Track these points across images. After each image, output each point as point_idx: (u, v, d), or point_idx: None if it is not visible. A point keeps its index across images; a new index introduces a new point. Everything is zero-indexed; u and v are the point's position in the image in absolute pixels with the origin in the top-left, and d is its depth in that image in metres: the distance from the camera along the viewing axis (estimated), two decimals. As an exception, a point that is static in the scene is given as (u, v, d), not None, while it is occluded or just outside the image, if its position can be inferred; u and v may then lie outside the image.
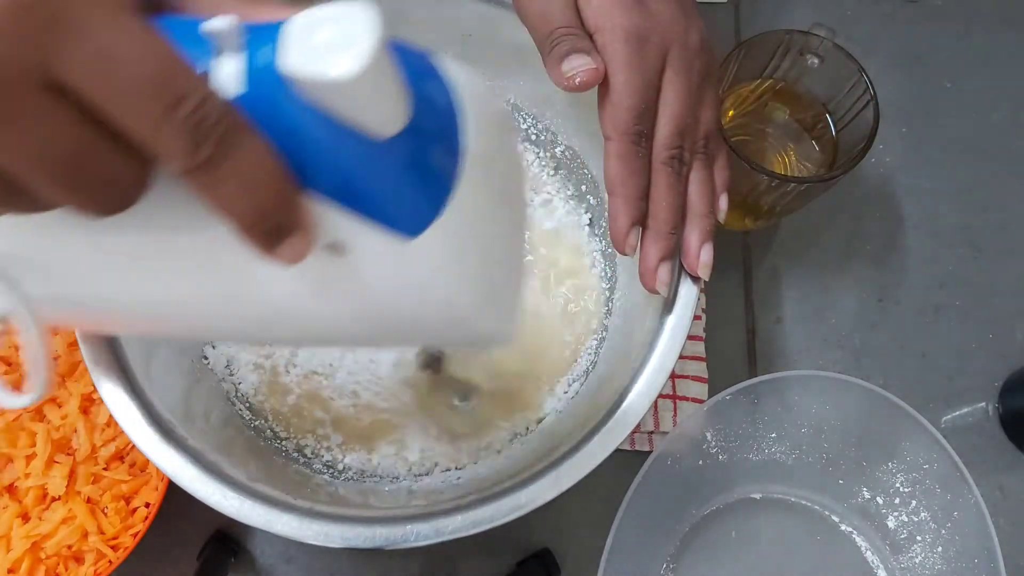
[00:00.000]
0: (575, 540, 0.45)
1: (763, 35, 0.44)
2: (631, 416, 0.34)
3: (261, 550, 0.45)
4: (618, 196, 0.32)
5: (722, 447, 0.45)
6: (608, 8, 0.32)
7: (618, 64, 0.31)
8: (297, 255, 0.20)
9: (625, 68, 0.31)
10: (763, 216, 0.48)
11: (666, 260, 0.33)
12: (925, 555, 0.44)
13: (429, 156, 0.21)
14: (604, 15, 0.32)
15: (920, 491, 0.44)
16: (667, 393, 0.47)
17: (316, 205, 0.20)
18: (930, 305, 0.51)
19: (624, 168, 0.32)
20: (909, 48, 0.57)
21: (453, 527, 0.32)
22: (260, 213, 0.18)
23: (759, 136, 0.47)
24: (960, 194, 0.54)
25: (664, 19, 0.33)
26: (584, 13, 0.32)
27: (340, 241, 0.20)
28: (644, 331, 0.36)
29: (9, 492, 0.43)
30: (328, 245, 0.20)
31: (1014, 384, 0.49)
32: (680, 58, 0.33)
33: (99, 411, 0.44)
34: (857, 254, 0.52)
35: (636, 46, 0.32)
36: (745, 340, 0.50)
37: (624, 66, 0.31)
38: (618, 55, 0.31)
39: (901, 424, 0.43)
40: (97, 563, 0.41)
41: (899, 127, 0.55)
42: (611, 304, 0.44)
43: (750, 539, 0.46)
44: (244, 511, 0.32)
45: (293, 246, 0.19)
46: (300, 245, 0.19)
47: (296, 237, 0.19)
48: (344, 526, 0.32)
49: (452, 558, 0.45)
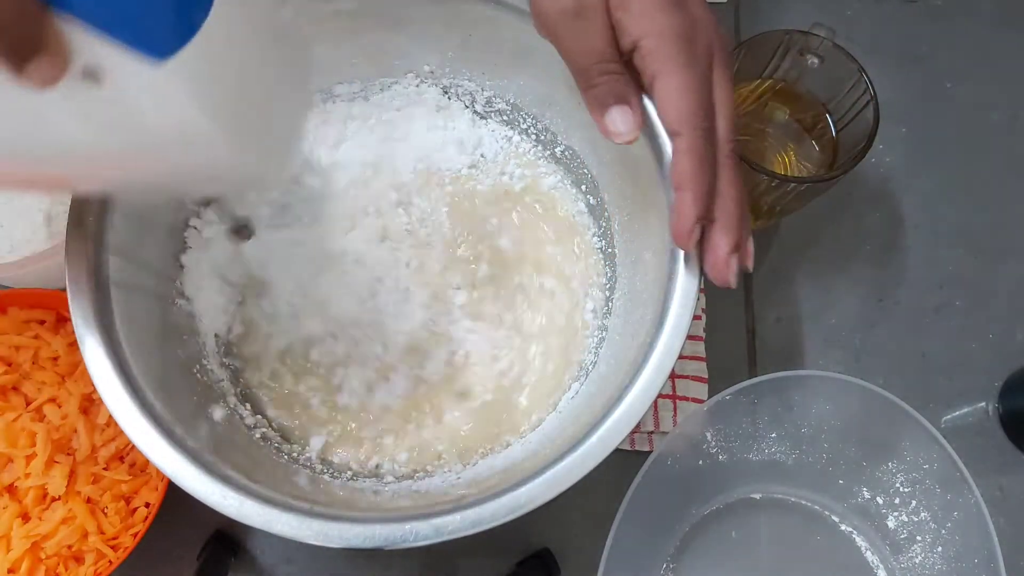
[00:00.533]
0: (575, 540, 0.45)
1: (763, 35, 0.44)
2: (631, 416, 0.33)
3: (261, 550, 0.45)
4: (687, 191, 0.32)
5: (722, 447, 0.45)
6: (651, 13, 0.32)
7: (674, 65, 0.32)
8: (48, 77, 0.20)
9: (683, 68, 0.32)
10: (763, 216, 0.48)
11: (735, 251, 0.33)
12: (925, 555, 0.44)
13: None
14: (648, 21, 0.32)
15: (920, 491, 0.44)
16: (667, 393, 0.47)
17: (68, 27, 0.20)
18: (930, 305, 0.51)
19: (696, 163, 0.32)
20: (909, 48, 0.57)
21: (453, 527, 0.32)
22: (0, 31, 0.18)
23: (759, 136, 0.47)
24: (960, 194, 0.54)
25: (702, 17, 0.33)
26: (623, 23, 0.32)
27: (95, 66, 0.21)
28: (644, 331, 0.36)
29: (9, 492, 0.43)
30: (85, 71, 0.21)
31: (1014, 384, 0.49)
32: (721, 54, 0.34)
33: (99, 411, 0.44)
34: (857, 254, 0.52)
35: (686, 46, 0.32)
36: (745, 340, 0.50)
37: (682, 67, 0.32)
38: (672, 57, 0.32)
39: (901, 424, 0.43)
40: (97, 563, 0.41)
41: (899, 127, 0.55)
42: (611, 304, 0.44)
43: (750, 539, 0.46)
44: (244, 511, 0.32)
45: (42, 67, 0.20)
46: (50, 66, 0.20)
47: (45, 57, 0.20)
48: (344, 526, 0.32)
49: (452, 558, 0.45)
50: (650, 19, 0.32)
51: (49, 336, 0.45)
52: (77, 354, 0.45)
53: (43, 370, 0.45)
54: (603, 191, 0.46)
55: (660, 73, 0.32)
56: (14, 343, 0.45)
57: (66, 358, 0.45)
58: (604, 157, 0.44)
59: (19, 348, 0.45)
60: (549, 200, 0.48)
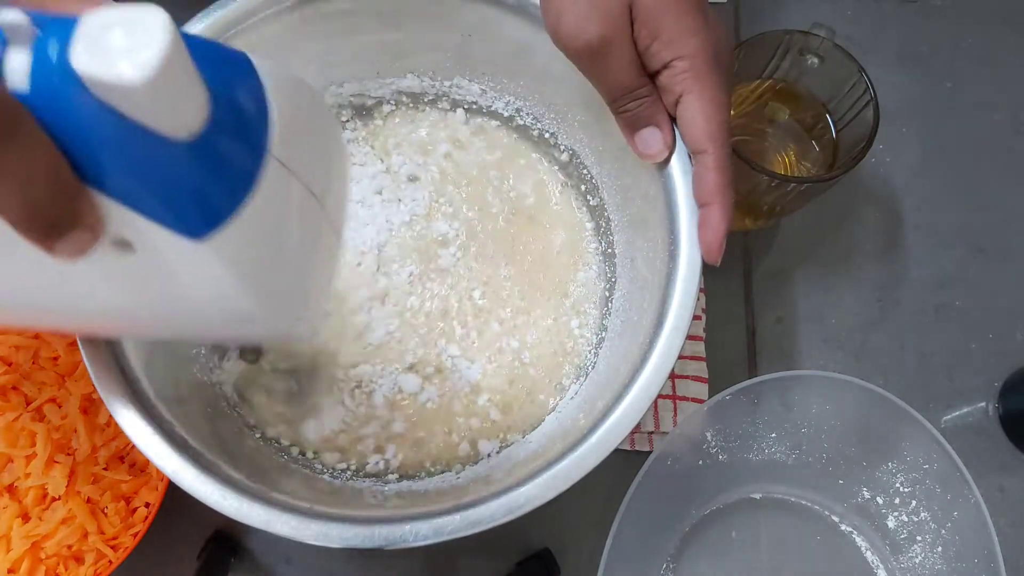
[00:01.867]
0: (575, 540, 0.45)
1: (763, 35, 0.44)
2: (631, 416, 0.33)
3: (261, 550, 0.45)
4: (717, 205, 0.33)
5: (722, 447, 0.45)
6: (683, 39, 0.32)
7: (704, 85, 0.32)
8: (78, 251, 0.20)
9: (715, 87, 0.32)
10: (763, 216, 0.48)
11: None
12: (925, 555, 0.44)
13: (226, 159, 0.20)
14: (680, 46, 0.32)
15: (920, 491, 0.44)
16: (667, 393, 0.47)
17: (102, 201, 0.19)
18: (930, 305, 0.51)
19: (724, 179, 0.33)
20: (909, 48, 0.57)
21: (453, 527, 0.32)
22: (33, 209, 0.18)
23: (759, 136, 0.47)
24: (960, 194, 0.54)
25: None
26: (653, 49, 0.32)
27: (127, 239, 0.20)
28: (644, 331, 0.36)
29: (9, 492, 0.43)
30: (117, 240, 0.20)
31: (1014, 384, 0.49)
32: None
33: (99, 411, 0.44)
34: (857, 254, 0.52)
35: (715, 64, 0.32)
36: (745, 340, 0.50)
37: (714, 85, 0.32)
38: (703, 77, 0.32)
39: (901, 424, 0.43)
40: (97, 563, 0.41)
41: (899, 127, 0.55)
42: (611, 304, 0.44)
43: (750, 539, 0.46)
44: (244, 511, 0.32)
45: (73, 242, 0.19)
46: (81, 241, 0.19)
47: (77, 233, 0.19)
48: (344, 526, 0.32)
49: (452, 558, 0.45)
50: (682, 44, 0.32)
51: (49, 336, 0.45)
52: (77, 354, 0.45)
53: (43, 370, 0.45)
54: (603, 191, 0.46)
55: (689, 92, 0.32)
56: (14, 343, 0.45)
57: (66, 358, 0.45)
58: (604, 158, 0.45)
59: (19, 348, 0.45)
60: (548, 201, 0.48)
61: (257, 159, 0.21)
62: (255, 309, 0.23)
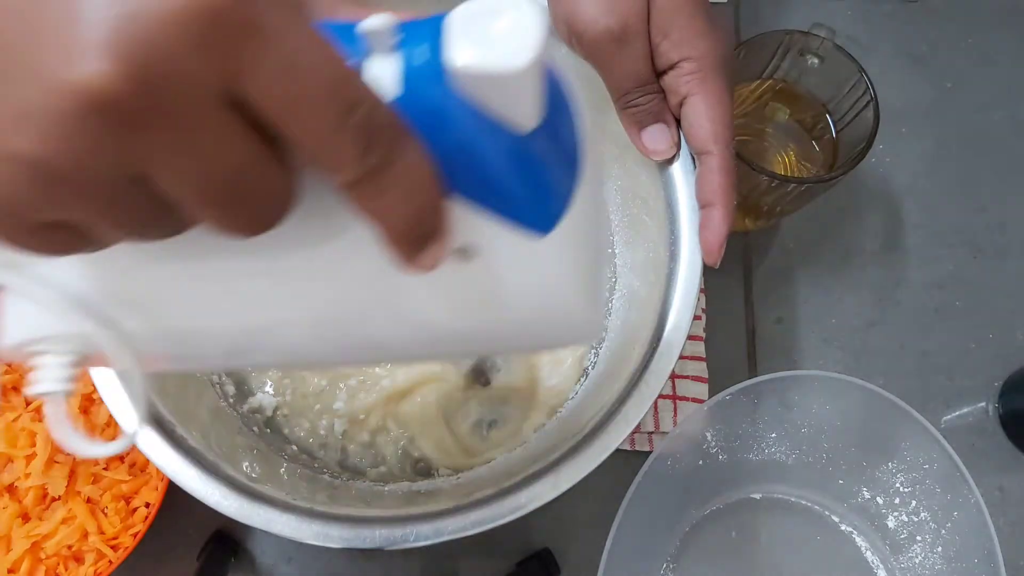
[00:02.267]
0: (575, 540, 0.45)
1: (763, 35, 0.44)
2: (631, 416, 0.33)
3: (261, 550, 0.45)
4: (719, 207, 0.33)
5: (722, 447, 0.45)
6: (692, 40, 0.32)
7: (709, 87, 0.33)
8: (434, 262, 0.19)
9: (721, 91, 0.33)
10: (763, 216, 0.48)
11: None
12: (925, 555, 0.44)
13: (559, 150, 0.20)
14: (689, 47, 0.32)
15: (920, 491, 0.44)
16: (667, 393, 0.47)
17: (454, 208, 0.19)
18: (930, 305, 0.51)
19: (728, 180, 0.33)
20: (909, 48, 0.57)
21: (453, 527, 0.32)
22: (415, 220, 0.18)
23: (759, 136, 0.47)
24: (960, 194, 0.54)
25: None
26: (662, 48, 0.33)
27: (470, 245, 0.20)
28: (644, 331, 0.36)
29: (9, 492, 0.43)
30: (457, 250, 0.20)
31: (1014, 384, 0.49)
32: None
33: (99, 411, 0.44)
34: (857, 254, 0.52)
35: (722, 68, 0.33)
36: (745, 340, 0.50)
37: (720, 89, 0.33)
38: (709, 80, 0.33)
39: (901, 424, 0.43)
40: (97, 563, 0.41)
41: (899, 127, 0.55)
42: (611, 304, 0.44)
43: (750, 539, 0.46)
44: (244, 511, 0.32)
45: (432, 253, 0.19)
46: (438, 251, 0.19)
47: (436, 243, 0.18)
48: (344, 526, 0.32)
49: (452, 558, 0.45)
50: (691, 45, 0.32)
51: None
52: (77, 354, 0.45)
53: (43, 370, 0.45)
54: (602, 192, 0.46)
55: (696, 93, 0.33)
56: (14, 343, 0.45)
57: (66, 358, 0.45)
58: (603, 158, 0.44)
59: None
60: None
61: (576, 145, 0.21)
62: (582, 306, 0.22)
